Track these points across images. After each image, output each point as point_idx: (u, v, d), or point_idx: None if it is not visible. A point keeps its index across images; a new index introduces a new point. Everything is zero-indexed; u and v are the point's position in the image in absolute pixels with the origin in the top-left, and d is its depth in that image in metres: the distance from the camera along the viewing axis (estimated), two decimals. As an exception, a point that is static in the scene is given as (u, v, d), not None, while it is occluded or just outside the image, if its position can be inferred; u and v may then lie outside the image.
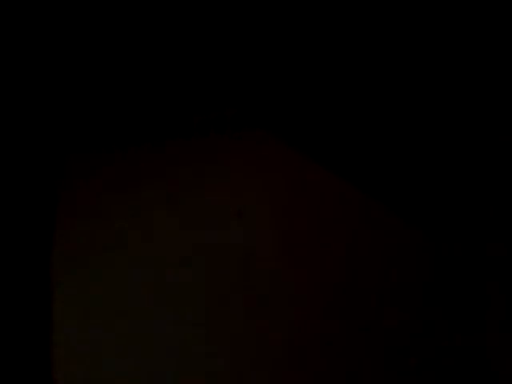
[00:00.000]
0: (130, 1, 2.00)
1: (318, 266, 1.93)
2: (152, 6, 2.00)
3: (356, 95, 1.99)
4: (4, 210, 1.97)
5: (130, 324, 1.93)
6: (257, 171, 1.99)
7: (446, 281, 1.90)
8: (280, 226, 1.96)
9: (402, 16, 1.96)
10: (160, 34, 2.02)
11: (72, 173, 2.03)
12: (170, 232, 1.98)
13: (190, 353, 1.92)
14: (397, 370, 1.88)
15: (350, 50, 1.98)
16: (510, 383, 1.83)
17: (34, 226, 1.98)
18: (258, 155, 2.00)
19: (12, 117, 2.01)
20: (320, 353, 1.90)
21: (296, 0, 1.98)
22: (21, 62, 2.02)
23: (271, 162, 1.99)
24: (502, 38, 1.93)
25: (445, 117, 1.96)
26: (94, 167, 2.03)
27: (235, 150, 2.01)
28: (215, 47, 2.02)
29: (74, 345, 1.93)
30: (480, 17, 1.93)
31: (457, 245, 1.91)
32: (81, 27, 2.02)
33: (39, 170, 2.01)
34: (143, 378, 1.92)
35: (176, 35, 2.02)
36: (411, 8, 1.95)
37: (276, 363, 1.91)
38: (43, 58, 2.03)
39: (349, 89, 1.99)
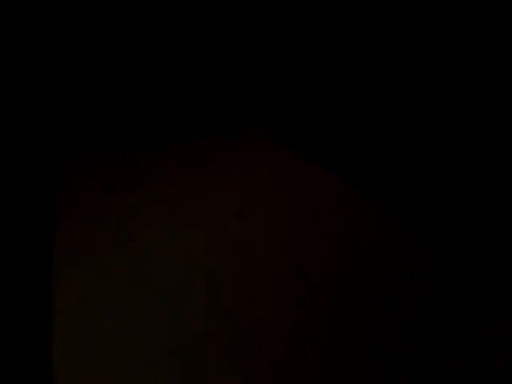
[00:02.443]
0: (130, 1, 2.00)
1: (318, 266, 1.93)
2: (152, 6, 2.00)
3: (356, 95, 1.99)
4: (4, 210, 1.97)
5: (130, 324, 1.93)
6: (257, 171, 1.99)
7: (446, 280, 1.89)
8: (280, 226, 1.96)
9: (402, 16, 1.96)
10: (160, 34, 2.02)
11: (72, 173, 2.03)
12: (170, 232, 1.98)
13: (190, 353, 1.92)
14: (397, 370, 1.87)
15: (350, 49, 1.98)
16: (510, 383, 1.83)
17: (34, 226, 1.98)
18: (258, 155, 2.00)
19: (12, 117, 2.01)
20: (320, 352, 1.90)
21: (296, 0, 1.98)
22: (21, 61, 2.02)
23: (271, 162, 1.99)
24: (502, 38, 1.93)
25: (444, 116, 1.96)
26: (94, 167, 2.03)
27: (235, 150, 2.00)
28: (215, 47, 2.02)
29: (74, 345, 1.93)
30: (480, 17, 1.93)
31: (457, 245, 1.91)
32: (81, 27, 2.02)
33: (39, 170, 2.01)
34: (143, 378, 1.92)
35: (176, 35, 2.02)
36: (411, 8, 1.95)
37: (276, 363, 1.91)
38: (43, 58, 2.03)
39: (349, 89, 1.99)
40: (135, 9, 2.00)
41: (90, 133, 2.04)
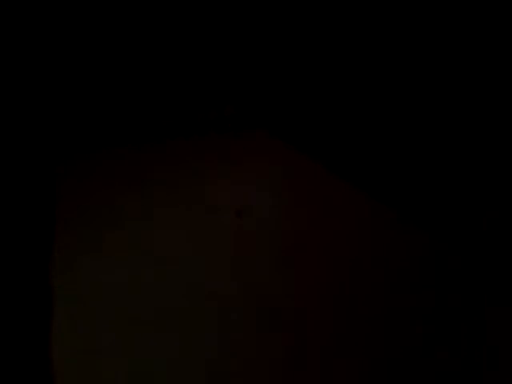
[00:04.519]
0: (131, 0, 2.00)
1: (318, 266, 1.93)
2: (152, 6, 2.01)
3: (356, 95, 1.99)
4: (4, 210, 1.97)
5: (130, 324, 1.93)
6: (257, 171, 2.00)
7: (447, 281, 1.90)
8: (280, 226, 1.97)
9: (402, 16, 1.96)
10: (161, 35, 2.03)
11: (72, 173, 2.03)
12: (170, 232, 1.98)
13: (190, 353, 1.92)
14: (397, 371, 1.88)
15: (351, 50, 1.99)
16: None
17: (33, 227, 1.98)
18: (258, 155, 2.00)
19: (11, 117, 2.01)
20: (320, 353, 1.90)
21: (296, 0, 1.99)
22: (21, 62, 2.02)
23: (271, 162, 2.00)
24: (502, 38, 1.94)
25: (444, 117, 1.96)
26: (94, 167, 2.03)
27: (235, 150, 2.01)
28: (216, 47, 2.02)
29: (75, 345, 1.93)
30: (480, 17, 1.94)
31: (457, 245, 1.91)
32: (81, 27, 2.02)
33: (39, 170, 2.01)
34: (143, 379, 1.92)
35: (177, 36, 2.02)
36: (411, 8, 1.96)
37: (275, 364, 1.91)
38: (43, 58, 2.03)
39: (349, 89, 1.99)
40: (135, 9, 2.01)
41: (91, 133, 2.05)
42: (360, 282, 1.92)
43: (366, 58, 1.98)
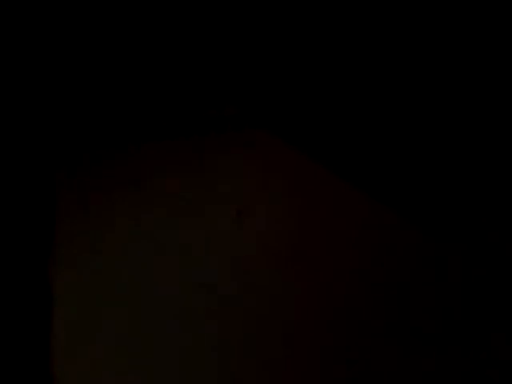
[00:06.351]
0: (132, 0, 2.00)
1: (319, 266, 1.93)
2: (152, 5, 2.00)
3: (356, 95, 1.99)
4: (3, 210, 1.97)
5: (130, 324, 1.93)
6: (257, 171, 1.99)
7: (447, 281, 1.90)
8: (280, 226, 1.96)
9: (402, 16, 1.96)
10: (160, 35, 2.02)
11: (71, 173, 2.03)
12: (170, 232, 1.98)
13: (190, 353, 1.92)
14: (397, 372, 1.87)
15: (353, 49, 1.98)
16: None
17: (33, 227, 1.98)
18: (258, 155, 2.00)
19: (12, 117, 2.01)
20: (320, 353, 1.90)
21: (296, 0, 1.99)
22: (21, 62, 2.02)
23: (271, 162, 1.99)
24: (502, 38, 1.94)
25: (445, 116, 1.96)
26: (94, 167, 2.03)
27: (235, 150, 2.01)
28: (216, 47, 2.02)
29: (74, 345, 1.93)
30: (480, 17, 1.94)
31: (457, 245, 1.91)
32: (81, 26, 2.02)
33: (39, 170, 2.01)
34: (143, 379, 1.91)
35: (176, 36, 2.02)
36: (411, 8, 1.96)
37: (275, 364, 1.90)
38: (43, 58, 2.03)
39: (348, 88, 1.99)
40: (135, 8, 2.01)
41: (89, 133, 2.05)
42: (360, 283, 1.92)
43: (365, 58, 1.98)
